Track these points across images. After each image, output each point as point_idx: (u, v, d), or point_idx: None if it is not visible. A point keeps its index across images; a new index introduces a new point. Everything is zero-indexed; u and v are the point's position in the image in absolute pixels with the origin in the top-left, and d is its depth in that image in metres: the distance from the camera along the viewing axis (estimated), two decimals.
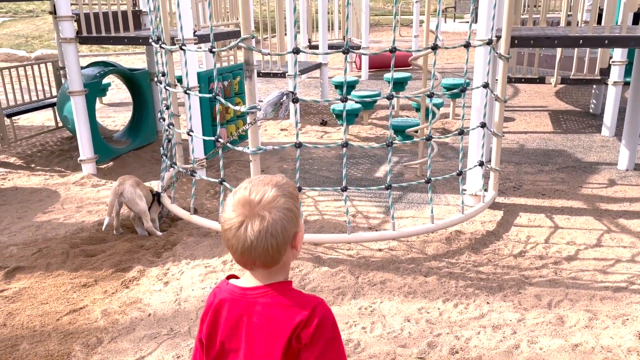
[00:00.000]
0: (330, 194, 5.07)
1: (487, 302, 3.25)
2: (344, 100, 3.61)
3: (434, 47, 3.69)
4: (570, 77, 6.78)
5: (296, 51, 3.48)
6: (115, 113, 8.70)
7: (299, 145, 3.63)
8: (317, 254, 3.90)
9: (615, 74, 6.48)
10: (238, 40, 3.43)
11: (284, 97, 3.45)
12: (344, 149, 3.70)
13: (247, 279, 1.34)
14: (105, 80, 7.95)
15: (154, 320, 3.13)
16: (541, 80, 6.88)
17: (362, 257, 3.86)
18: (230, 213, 1.24)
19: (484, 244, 4.03)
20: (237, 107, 3.71)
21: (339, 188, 3.77)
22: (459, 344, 2.84)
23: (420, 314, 3.15)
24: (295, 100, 3.53)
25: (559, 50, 6.63)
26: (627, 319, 2.99)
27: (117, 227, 4.26)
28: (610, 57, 6.63)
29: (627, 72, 6.56)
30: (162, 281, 3.57)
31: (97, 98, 8.90)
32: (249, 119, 3.56)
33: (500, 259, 3.78)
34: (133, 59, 14.99)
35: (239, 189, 1.29)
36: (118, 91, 10.42)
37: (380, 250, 3.97)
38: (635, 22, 6.88)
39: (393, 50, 3.52)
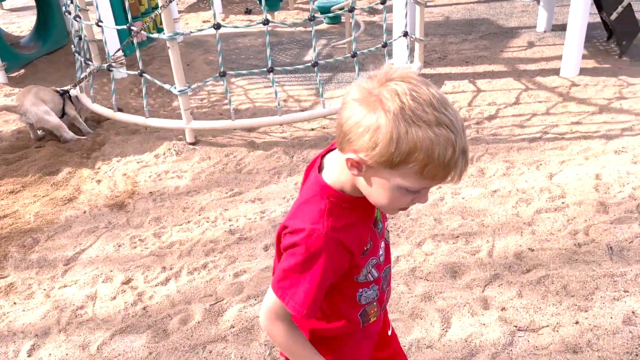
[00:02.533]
0: (260, 82, 4.99)
1: None
2: None
3: None
4: None
5: None
6: (19, 18, 7.94)
7: (217, 26, 3.48)
8: (250, 139, 3.91)
9: None
10: None
11: None
12: (266, 27, 3.58)
13: None
14: None
15: (90, 216, 3.12)
16: None
17: (296, 138, 3.91)
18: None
19: None
20: None
21: (265, 69, 3.70)
22: None
23: None
24: None
25: None
26: (541, 164, 3.25)
27: (34, 137, 4.08)
28: None
29: None
30: (94, 180, 3.51)
31: None
32: (160, 1, 3.35)
33: None
34: None
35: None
36: None
37: (312, 129, 4.02)
38: None
39: None
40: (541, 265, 2.40)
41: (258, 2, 7.10)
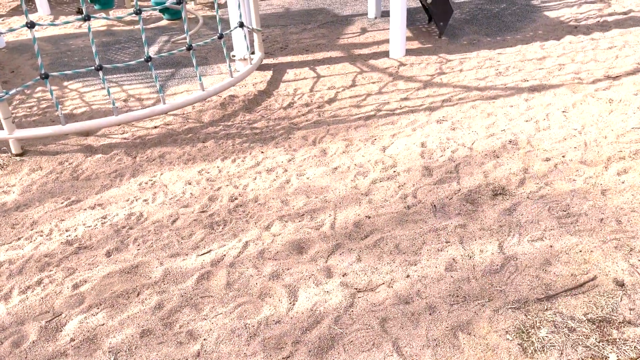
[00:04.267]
0: (96, 84, 4.70)
1: (262, 152, 3.48)
2: None
3: None
4: None
5: None
6: None
7: (31, 25, 3.20)
8: (87, 144, 3.68)
9: None
10: None
11: None
12: (88, 23, 3.37)
13: None
14: None
15: None
16: None
17: (138, 137, 3.76)
18: None
19: (256, 103, 4.21)
20: None
21: (93, 68, 3.49)
22: (237, 192, 3.05)
23: (201, 175, 3.26)
24: None
25: None
26: (376, 139, 3.49)
27: None
28: None
29: None
30: None
31: None
32: None
33: (272, 113, 4.02)
34: None
35: None
36: None
37: (156, 127, 3.90)
38: None
39: None
40: (377, 230, 2.58)
41: (89, 1, 6.67)
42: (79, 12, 7.07)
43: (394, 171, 3.07)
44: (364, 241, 2.51)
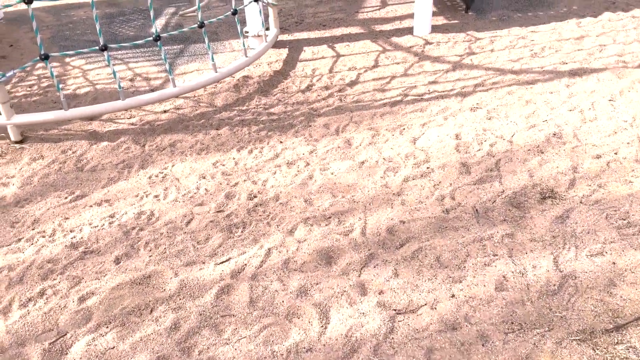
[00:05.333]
0: (101, 60, 4.39)
1: (280, 142, 3.21)
2: None
3: None
4: None
5: None
6: None
7: (29, 1, 2.89)
8: (92, 130, 3.41)
9: None
10: None
11: None
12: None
13: None
14: None
15: None
16: None
17: (147, 123, 3.49)
18: None
19: (272, 85, 3.91)
20: None
21: (96, 48, 3.19)
22: (256, 188, 2.79)
23: (216, 168, 3.00)
24: None
25: None
26: (404, 129, 3.21)
27: None
28: None
29: None
30: None
31: None
32: None
33: (290, 97, 3.73)
34: None
35: None
36: None
37: (165, 111, 3.62)
38: None
39: None
40: (414, 237, 2.34)
41: None
42: None
43: (428, 167, 2.80)
44: (400, 251, 2.27)
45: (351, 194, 2.68)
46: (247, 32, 4.37)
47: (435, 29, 4.51)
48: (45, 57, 3.06)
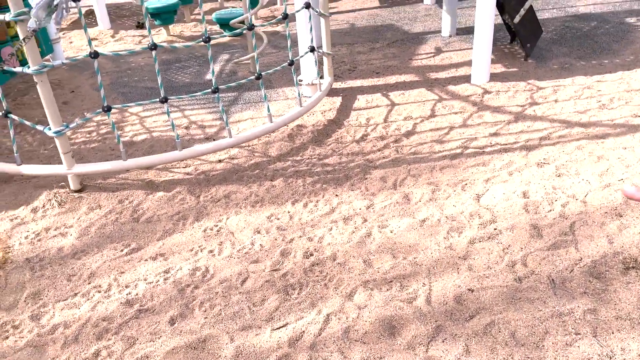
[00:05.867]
0: (157, 107, 4.48)
1: (336, 195, 3.13)
2: None
3: None
4: None
5: None
6: None
7: (94, 55, 2.97)
8: (148, 179, 3.43)
9: None
10: None
11: None
12: (153, 53, 3.12)
13: None
14: None
15: None
16: None
17: (202, 173, 3.48)
18: None
19: (326, 134, 3.86)
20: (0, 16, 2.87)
21: (157, 100, 3.23)
22: (312, 246, 2.70)
23: (271, 222, 2.93)
24: None
25: None
26: (466, 184, 3.07)
27: None
28: None
29: None
30: None
31: None
32: (20, 32, 2.79)
33: (344, 147, 3.66)
34: None
35: None
36: None
37: (220, 161, 3.61)
38: None
39: None
40: (484, 309, 2.17)
41: (150, 16, 6.54)
42: (139, 26, 6.97)
43: (495, 228, 2.64)
44: (470, 324, 2.10)
45: (413, 255, 2.54)
46: (301, 81, 4.37)
47: (493, 77, 4.39)
48: (108, 109, 3.11)
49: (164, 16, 6.26)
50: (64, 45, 6.24)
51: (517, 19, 4.47)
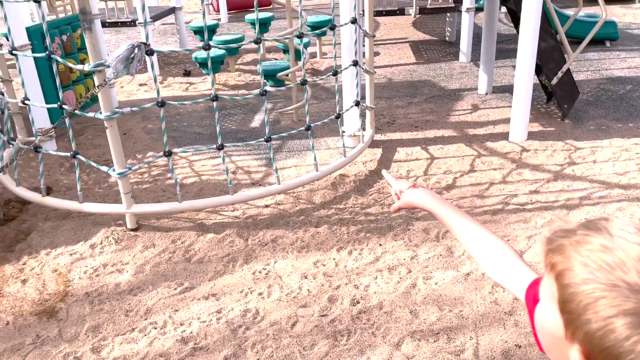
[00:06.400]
0: (205, 152, 4.70)
1: (380, 244, 3.23)
2: (206, 47, 3.23)
3: None
4: (428, 6, 6.90)
5: None
6: None
7: (161, 104, 3.20)
8: (199, 221, 3.59)
9: (468, 0, 6.70)
10: None
11: (136, 50, 2.98)
12: (215, 103, 3.34)
13: None
14: None
15: (14, 328, 2.66)
16: (401, 12, 6.91)
17: (249, 217, 3.63)
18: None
19: (368, 184, 4.00)
20: (79, 66, 3.15)
21: (214, 147, 3.44)
22: (359, 293, 2.79)
23: (317, 268, 3.04)
24: (150, 53, 3.08)
25: None
26: (508, 240, 3.15)
27: None
28: None
29: None
30: (19, 279, 3.05)
31: None
32: (96, 80, 3.05)
33: (386, 198, 3.78)
34: None
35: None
36: None
37: (267, 206, 3.77)
38: None
39: None
40: None
41: (198, 65, 6.90)
42: (186, 73, 7.34)
43: None
44: None
45: (458, 308, 2.61)
46: (343, 132, 4.56)
47: (531, 135, 4.51)
48: (169, 154, 3.32)
49: (212, 65, 6.60)
50: (115, 91, 6.61)
51: (554, 81, 4.63)
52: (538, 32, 4.12)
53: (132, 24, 7.31)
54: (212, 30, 7.86)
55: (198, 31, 7.86)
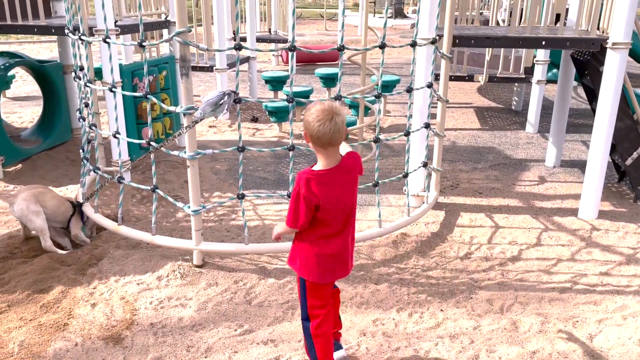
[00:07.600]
0: (268, 197, 4.82)
1: (441, 310, 3.17)
2: (290, 100, 3.39)
3: (382, 46, 3.55)
4: (498, 75, 6.97)
5: (238, 47, 3.20)
6: (21, 108, 7.86)
7: (241, 149, 3.36)
8: (261, 265, 3.65)
9: (539, 72, 6.73)
10: (173, 33, 3.09)
11: (226, 97, 3.17)
12: (291, 153, 3.47)
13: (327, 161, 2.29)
14: (10, 73, 7.13)
15: (83, 350, 2.75)
16: (470, 78, 7.01)
17: None
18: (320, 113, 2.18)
19: (430, 246, 3.97)
20: (172, 108, 3.36)
21: (286, 194, 3.54)
22: (419, 359, 2.73)
23: (376, 327, 3.01)
24: (238, 101, 3.26)
25: (488, 49, 6.78)
26: (577, 321, 3.03)
27: (24, 235, 3.82)
28: (534, 57, 6.87)
29: (547, 69, 6.86)
30: (89, 302, 3.17)
31: (1, 92, 8.01)
32: (185, 122, 3.24)
33: (448, 262, 3.74)
34: (38, 48, 13.74)
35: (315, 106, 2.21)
36: (23, 83, 9.46)
37: None
38: (555, 22, 7.19)
39: (341, 48, 3.35)
40: None
41: (267, 114, 7.18)
42: (254, 119, 7.63)
43: None
44: None
45: None
46: (408, 191, 4.58)
47: (602, 214, 4.39)
48: (242, 197, 3.44)
49: (280, 114, 6.85)
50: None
51: (629, 161, 4.53)
52: (616, 111, 4.09)
53: (209, 69, 7.74)
54: (282, 81, 8.20)
55: (268, 80, 8.22)
